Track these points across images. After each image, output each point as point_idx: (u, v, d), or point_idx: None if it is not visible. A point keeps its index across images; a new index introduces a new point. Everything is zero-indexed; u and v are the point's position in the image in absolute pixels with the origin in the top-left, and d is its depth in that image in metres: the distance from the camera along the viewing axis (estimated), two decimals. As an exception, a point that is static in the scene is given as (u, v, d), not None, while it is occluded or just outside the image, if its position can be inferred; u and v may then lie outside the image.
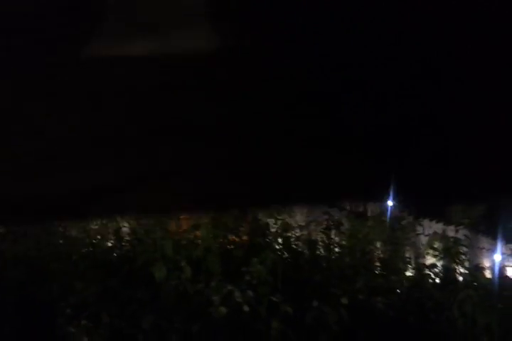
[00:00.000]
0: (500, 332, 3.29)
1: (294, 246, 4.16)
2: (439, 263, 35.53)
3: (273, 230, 21.75)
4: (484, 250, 41.43)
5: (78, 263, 3.58)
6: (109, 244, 5.03)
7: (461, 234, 39.28)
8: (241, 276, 2.20)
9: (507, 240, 41.27)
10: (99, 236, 6.17)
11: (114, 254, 4.48)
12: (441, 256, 36.34)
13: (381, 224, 29.80)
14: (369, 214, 30.16)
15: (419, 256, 34.49)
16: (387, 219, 30.52)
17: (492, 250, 39.97)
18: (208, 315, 2.16)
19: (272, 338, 2.04)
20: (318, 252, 4.45)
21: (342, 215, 27.08)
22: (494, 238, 40.80)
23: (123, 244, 5.03)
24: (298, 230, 5.03)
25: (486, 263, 39.23)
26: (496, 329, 3.23)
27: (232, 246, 3.16)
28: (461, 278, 5.24)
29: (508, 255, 40.03)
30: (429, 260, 35.94)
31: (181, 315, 2.19)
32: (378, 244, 27.83)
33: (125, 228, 9.96)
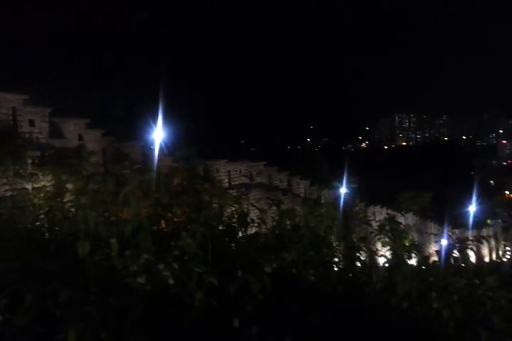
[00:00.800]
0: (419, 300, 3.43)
1: (227, 220, 4.04)
2: (388, 248, 36.13)
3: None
4: (432, 235, 43.50)
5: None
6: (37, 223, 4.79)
7: (411, 220, 40.90)
8: (171, 251, 2.14)
9: (453, 225, 43.77)
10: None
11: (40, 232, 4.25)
12: (392, 240, 36.92)
13: (334, 210, 30.20)
14: (322, 200, 30.59)
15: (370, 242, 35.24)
16: (340, 206, 31.05)
17: (439, 235, 42.16)
18: (128, 287, 2.07)
19: (195, 310, 1.99)
20: (253, 227, 4.37)
21: (296, 202, 27.36)
22: (441, 224, 42.92)
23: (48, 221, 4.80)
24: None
25: (434, 247, 41.26)
26: (415, 295, 3.34)
27: (165, 222, 3.06)
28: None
29: (454, 239, 41.57)
30: (379, 245, 36.56)
31: (100, 287, 2.09)
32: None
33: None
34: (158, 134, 19.01)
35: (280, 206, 4.24)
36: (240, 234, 3.47)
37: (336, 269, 3.65)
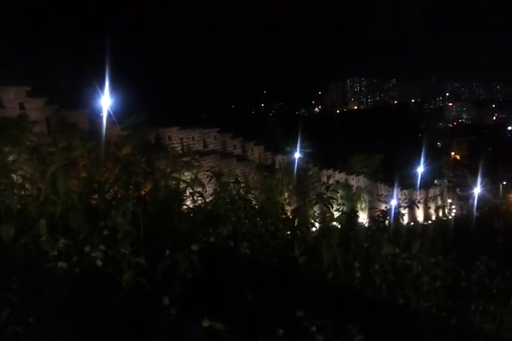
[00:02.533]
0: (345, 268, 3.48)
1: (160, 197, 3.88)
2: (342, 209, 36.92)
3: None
4: (382, 196, 45.03)
5: None
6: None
7: (362, 182, 42.02)
8: (101, 231, 2.03)
9: (402, 186, 45.42)
10: None
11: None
12: (343, 203, 38.05)
13: (288, 175, 30.52)
14: (277, 166, 30.80)
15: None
16: (294, 171, 31.41)
17: (389, 196, 43.75)
18: (55, 271, 1.97)
19: (124, 290, 1.94)
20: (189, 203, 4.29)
21: (250, 168, 27.34)
22: (390, 185, 44.43)
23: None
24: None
25: (384, 208, 41.67)
26: (342, 265, 3.36)
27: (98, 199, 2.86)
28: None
29: (403, 200, 43.97)
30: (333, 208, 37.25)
31: (25, 273, 1.98)
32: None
33: None
34: (106, 101, 18.28)
35: (220, 178, 4.14)
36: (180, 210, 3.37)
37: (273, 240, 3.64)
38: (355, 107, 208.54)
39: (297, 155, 31.68)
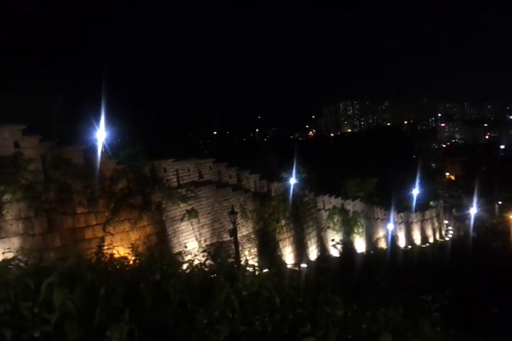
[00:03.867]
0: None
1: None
2: (339, 235, 37.22)
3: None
4: (379, 220, 44.85)
5: None
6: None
7: (358, 206, 41.91)
8: None
9: (398, 209, 45.34)
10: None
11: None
12: (341, 228, 38.28)
13: (284, 203, 30.46)
14: (273, 194, 30.78)
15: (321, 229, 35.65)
16: (290, 197, 31.36)
17: (385, 219, 43.51)
18: None
19: None
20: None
21: (246, 197, 27.33)
22: (387, 208, 44.31)
23: None
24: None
25: (381, 232, 42.39)
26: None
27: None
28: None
29: (399, 223, 43.96)
30: (330, 233, 37.69)
31: None
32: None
33: None
34: (101, 135, 18.35)
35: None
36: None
37: None
38: (349, 130, 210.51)
39: (293, 181, 31.71)
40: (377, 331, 2.47)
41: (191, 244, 21.16)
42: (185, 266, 4.03)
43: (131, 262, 3.85)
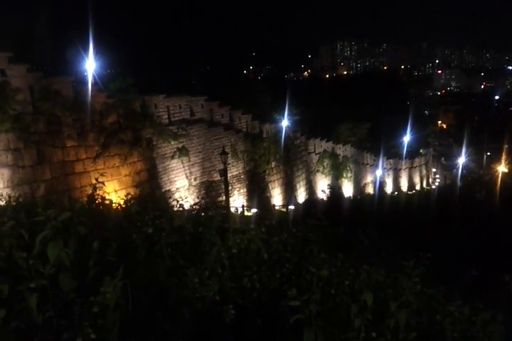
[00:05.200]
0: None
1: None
2: (328, 179, 37.72)
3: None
4: (368, 165, 45.41)
5: None
6: None
7: (349, 151, 42.17)
8: (90, 307, 1.91)
9: (388, 156, 45.71)
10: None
11: None
12: (330, 172, 38.75)
13: (275, 144, 30.52)
14: (264, 135, 30.70)
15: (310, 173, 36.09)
16: (281, 140, 31.39)
17: (375, 165, 44.06)
18: None
19: None
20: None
21: (238, 137, 27.28)
22: (377, 154, 44.68)
23: None
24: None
25: (369, 177, 43.14)
26: None
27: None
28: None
29: (388, 169, 44.55)
30: (319, 176, 38.20)
31: None
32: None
33: None
34: (90, 66, 17.75)
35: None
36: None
37: None
38: (345, 72, 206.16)
39: (285, 123, 31.53)
40: (359, 289, 2.58)
41: (181, 181, 21.37)
42: (175, 208, 4.07)
43: (122, 203, 3.87)
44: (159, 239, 2.40)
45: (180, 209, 3.89)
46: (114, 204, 3.83)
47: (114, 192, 16.74)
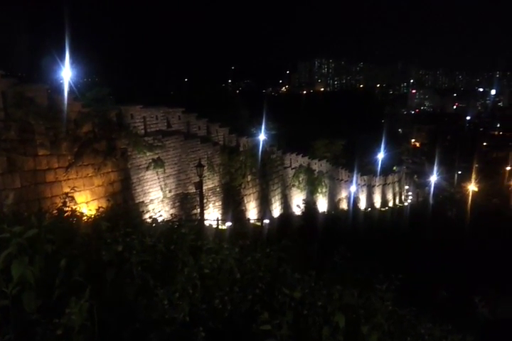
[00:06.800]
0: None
1: None
2: (303, 194, 37.87)
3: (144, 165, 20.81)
4: (343, 181, 45.80)
5: None
6: None
7: (324, 167, 42.56)
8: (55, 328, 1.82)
9: (362, 172, 46.37)
10: None
11: None
12: (306, 187, 38.94)
13: (252, 158, 30.55)
14: (241, 148, 30.74)
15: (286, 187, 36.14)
16: (258, 153, 31.44)
17: (349, 181, 44.51)
18: None
19: None
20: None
21: (215, 150, 27.21)
22: (352, 170, 45.25)
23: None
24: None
25: (344, 193, 43.46)
26: None
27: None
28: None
29: (362, 185, 45.14)
30: (295, 191, 38.32)
31: None
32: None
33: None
34: (66, 74, 17.50)
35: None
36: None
37: None
38: (322, 89, 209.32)
39: (262, 137, 31.65)
40: (332, 310, 2.56)
41: (156, 193, 21.11)
42: (149, 220, 3.99)
43: (93, 213, 3.77)
44: (129, 258, 2.34)
45: (153, 224, 3.81)
46: (85, 217, 3.74)
47: (86, 203, 16.41)
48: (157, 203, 21.05)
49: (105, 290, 2.13)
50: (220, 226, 21.09)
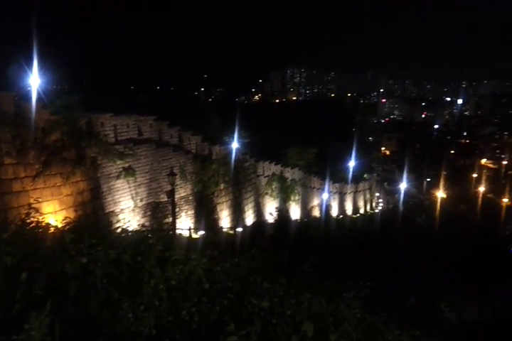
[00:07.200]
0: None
1: None
2: (276, 201, 37.96)
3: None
4: (315, 189, 46.23)
5: None
6: None
7: (297, 174, 42.88)
8: None
9: (334, 180, 46.94)
10: None
11: None
12: (278, 195, 39.04)
13: (224, 167, 30.50)
14: (214, 157, 30.66)
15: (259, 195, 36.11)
16: (231, 162, 31.44)
17: (321, 189, 44.95)
18: None
19: None
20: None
21: (187, 158, 27.06)
22: (323, 178, 45.76)
23: None
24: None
25: (316, 201, 43.84)
26: None
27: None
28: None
29: (334, 193, 45.64)
30: (268, 199, 38.36)
31: None
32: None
33: None
34: (34, 81, 17.13)
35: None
36: None
37: None
38: (294, 98, 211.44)
39: (235, 145, 31.67)
40: (301, 319, 2.56)
41: (126, 202, 20.78)
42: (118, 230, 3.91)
43: (60, 223, 3.67)
44: (94, 270, 2.28)
45: (122, 234, 3.74)
46: (51, 228, 3.64)
47: (54, 213, 16.02)
48: (128, 212, 20.72)
49: (68, 304, 2.06)
50: (192, 235, 20.90)
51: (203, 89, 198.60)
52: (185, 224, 24.22)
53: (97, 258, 2.40)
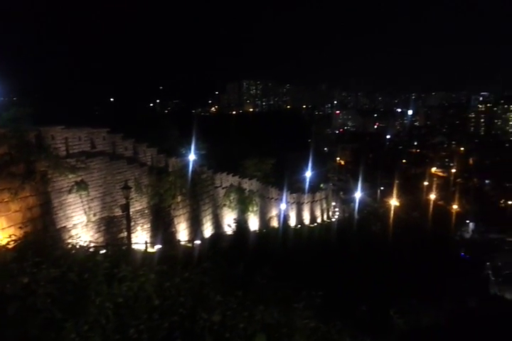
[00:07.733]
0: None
1: None
2: (235, 213, 37.93)
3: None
4: (273, 199, 46.56)
5: None
6: None
7: (254, 185, 43.01)
8: None
9: (291, 190, 47.51)
10: None
11: None
12: (237, 206, 39.00)
13: (181, 179, 30.20)
14: (170, 169, 30.31)
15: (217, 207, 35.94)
16: (188, 174, 31.20)
17: (279, 199, 45.33)
18: None
19: None
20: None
21: (142, 171, 26.60)
22: (281, 189, 46.24)
23: None
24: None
25: (274, 211, 44.08)
26: None
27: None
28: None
29: (292, 203, 46.13)
30: (226, 211, 38.20)
31: None
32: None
33: None
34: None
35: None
36: None
37: None
38: (251, 109, 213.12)
39: (191, 157, 31.47)
40: (253, 331, 2.54)
41: (79, 217, 20.13)
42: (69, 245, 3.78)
43: (3, 242, 3.51)
44: (37, 290, 2.19)
45: (72, 251, 3.61)
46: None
47: (1, 230, 15.33)
48: (81, 228, 20.08)
49: (6, 326, 1.96)
50: (148, 250, 20.47)
51: (158, 100, 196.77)
52: (141, 238, 23.70)
53: (40, 277, 2.31)
